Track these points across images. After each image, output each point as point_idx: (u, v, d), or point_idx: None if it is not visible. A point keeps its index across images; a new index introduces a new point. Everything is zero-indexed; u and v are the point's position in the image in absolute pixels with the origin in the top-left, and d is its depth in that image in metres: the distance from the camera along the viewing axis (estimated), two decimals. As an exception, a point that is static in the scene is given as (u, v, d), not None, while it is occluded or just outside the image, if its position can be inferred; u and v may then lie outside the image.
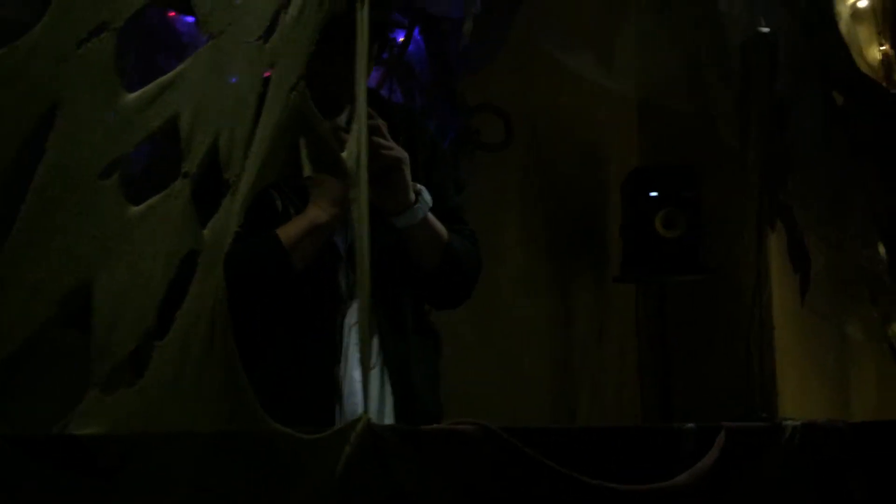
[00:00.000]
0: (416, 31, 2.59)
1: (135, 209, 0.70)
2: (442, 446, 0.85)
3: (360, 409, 1.35)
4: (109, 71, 0.71)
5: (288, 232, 1.35)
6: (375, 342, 1.41)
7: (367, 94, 1.30)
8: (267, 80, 0.84)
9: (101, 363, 0.64)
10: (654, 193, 2.91)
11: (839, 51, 2.56)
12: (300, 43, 0.86)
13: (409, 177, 1.39)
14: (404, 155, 1.39)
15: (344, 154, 0.86)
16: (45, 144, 0.67)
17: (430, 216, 1.43)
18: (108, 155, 0.69)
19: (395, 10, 2.17)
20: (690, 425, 1.18)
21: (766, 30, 2.33)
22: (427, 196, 1.43)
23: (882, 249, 2.39)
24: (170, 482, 0.65)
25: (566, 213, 3.08)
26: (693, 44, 2.72)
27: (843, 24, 2.78)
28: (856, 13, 2.96)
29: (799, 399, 2.96)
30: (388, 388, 1.41)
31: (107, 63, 0.71)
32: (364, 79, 0.92)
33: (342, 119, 1.40)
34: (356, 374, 1.33)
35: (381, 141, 1.36)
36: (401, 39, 2.63)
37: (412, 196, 1.40)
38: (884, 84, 2.94)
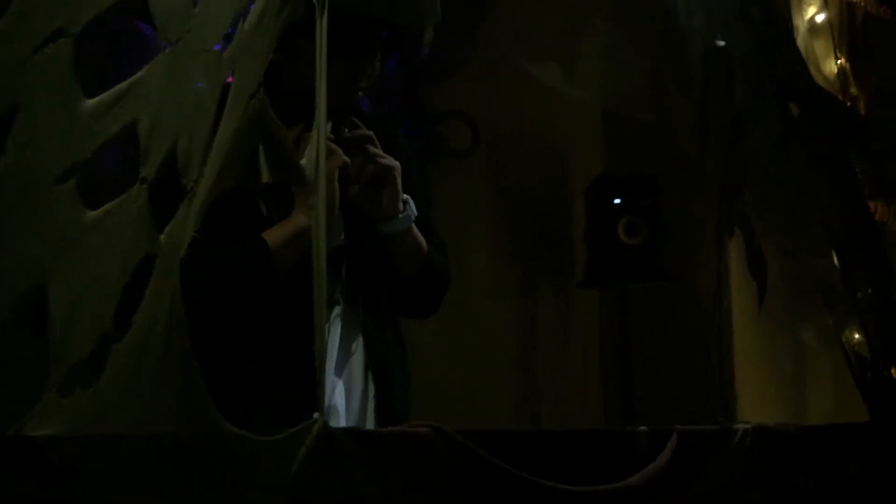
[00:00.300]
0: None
1: (91, 213, 0.71)
2: (397, 449, 0.86)
3: (341, 409, 1.43)
4: (67, 76, 0.71)
5: (274, 236, 1.36)
6: (360, 341, 1.46)
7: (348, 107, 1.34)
8: (227, 87, 0.85)
9: (58, 365, 0.65)
10: (617, 201, 2.96)
11: (796, 64, 2.62)
12: (259, 51, 0.87)
13: (399, 185, 1.42)
14: (396, 164, 1.42)
15: (302, 161, 0.88)
16: (1, 149, 0.68)
17: (414, 226, 1.47)
18: (66, 160, 0.70)
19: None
20: (643, 428, 1.20)
21: (722, 43, 2.39)
22: (413, 206, 1.46)
23: (836, 259, 2.45)
24: (125, 484, 0.66)
25: (531, 218, 3.12)
26: (655, 56, 2.77)
27: (801, 38, 2.85)
28: (813, 27, 3.03)
29: (757, 404, 3.02)
30: (370, 389, 1.45)
31: (64, 69, 0.71)
32: (323, 85, 0.94)
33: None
34: (336, 380, 1.39)
35: (374, 149, 1.40)
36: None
37: (401, 205, 1.43)
38: (840, 97, 3.03)
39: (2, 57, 0.68)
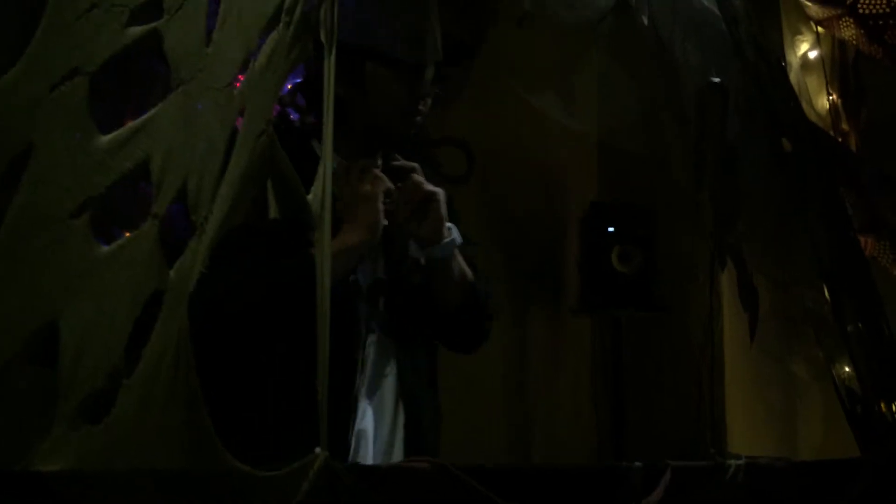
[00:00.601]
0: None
1: (103, 249, 0.72)
2: (397, 484, 0.87)
3: (370, 434, 1.42)
4: (82, 114, 0.73)
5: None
6: (393, 371, 1.48)
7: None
8: (236, 126, 0.87)
9: (67, 400, 0.66)
10: (611, 229, 2.99)
11: (789, 99, 2.66)
12: (268, 89, 0.89)
13: (444, 212, 1.47)
14: (440, 190, 1.48)
15: (309, 197, 0.89)
16: (17, 186, 0.69)
17: (458, 253, 1.51)
18: (80, 196, 0.71)
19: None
20: (637, 464, 1.22)
21: (717, 79, 2.43)
22: (457, 233, 1.50)
23: (826, 292, 2.48)
24: (129, 518, 0.66)
25: (525, 245, 3.14)
26: (650, 89, 2.81)
27: (793, 74, 2.90)
28: (805, 63, 3.09)
29: (748, 435, 3.03)
30: (400, 418, 1.47)
31: (79, 106, 0.73)
32: (331, 122, 0.96)
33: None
34: (367, 405, 1.42)
35: (417, 178, 1.47)
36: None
37: (445, 231, 1.48)
38: (831, 132, 3.07)
39: (19, 96, 0.70)
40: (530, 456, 2.99)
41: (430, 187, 1.47)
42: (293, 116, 1.63)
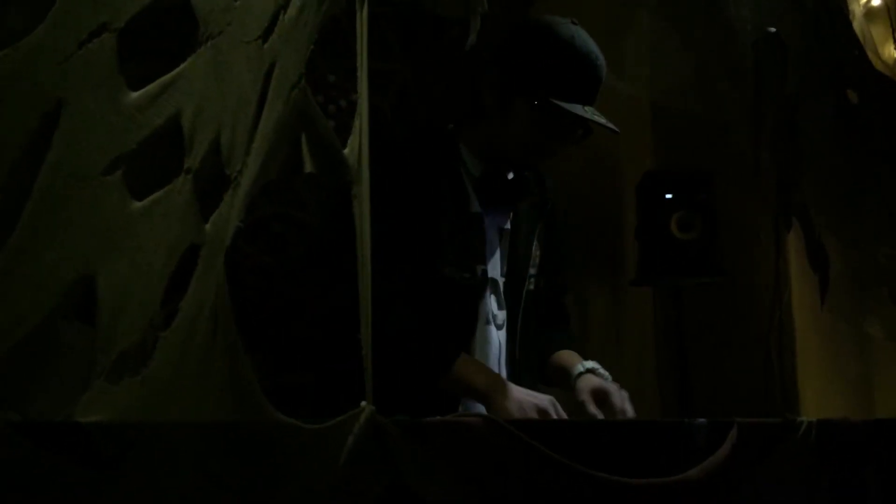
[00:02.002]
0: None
1: (138, 204, 0.71)
2: (446, 439, 0.85)
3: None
4: (111, 70, 0.72)
5: (466, 367, 1.49)
6: (498, 366, 1.61)
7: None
8: (268, 78, 0.85)
9: (106, 353, 0.65)
10: (668, 196, 2.91)
11: (853, 49, 2.54)
12: (300, 42, 0.87)
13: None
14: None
15: (346, 150, 0.87)
16: (50, 143, 0.69)
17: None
18: (112, 152, 0.71)
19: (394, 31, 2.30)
20: (702, 420, 1.17)
21: (773, 30, 2.33)
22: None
23: (900, 247, 2.37)
24: (172, 471, 0.66)
25: (581, 217, 3.08)
26: (704, 47, 2.72)
27: (857, 23, 2.76)
28: (869, 12, 2.94)
29: (822, 401, 2.93)
30: None
31: (108, 63, 0.72)
32: (365, 75, 0.93)
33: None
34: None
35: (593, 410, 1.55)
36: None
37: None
38: (899, 82, 2.92)
39: (47, 53, 0.69)
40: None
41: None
42: None
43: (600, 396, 1.52)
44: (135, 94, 0.73)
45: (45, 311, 0.64)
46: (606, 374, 1.59)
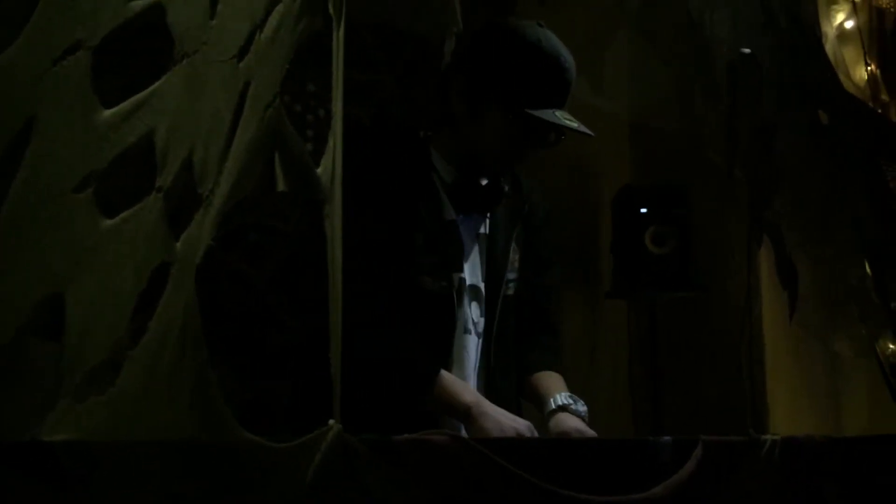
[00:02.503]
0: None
1: (108, 222, 0.72)
2: (414, 457, 0.86)
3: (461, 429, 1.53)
4: (85, 88, 0.73)
5: (452, 387, 1.49)
6: (475, 374, 1.61)
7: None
8: (243, 97, 0.86)
9: (73, 372, 0.66)
10: (643, 210, 2.94)
11: (825, 71, 2.59)
12: (275, 62, 0.88)
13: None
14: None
15: (319, 169, 0.88)
16: (20, 161, 0.69)
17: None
18: (83, 170, 0.71)
19: (375, 42, 2.31)
20: (667, 438, 1.19)
21: (747, 51, 2.37)
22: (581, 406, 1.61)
23: (868, 268, 2.41)
24: (139, 491, 0.66)
25: (558, 229, 3.11)
26: (681, 65, 2.75)
27: (829, 45, 2.81)
28: (842, 34, 3.00)
29: (790, 416, 2.96)
30: None
31: (82, 80, 0.72)
32: (339, 95, 0.94)
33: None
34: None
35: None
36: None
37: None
38: (870, 103, 2.98)
39: (21, 70, 0.70)
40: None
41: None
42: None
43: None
44: (108, 112, 0.74)
45: (13, 330, 0.64)
46: (581, 408, 1.57)
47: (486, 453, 0.91)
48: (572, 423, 1.53)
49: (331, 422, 0.79)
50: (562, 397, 1.58)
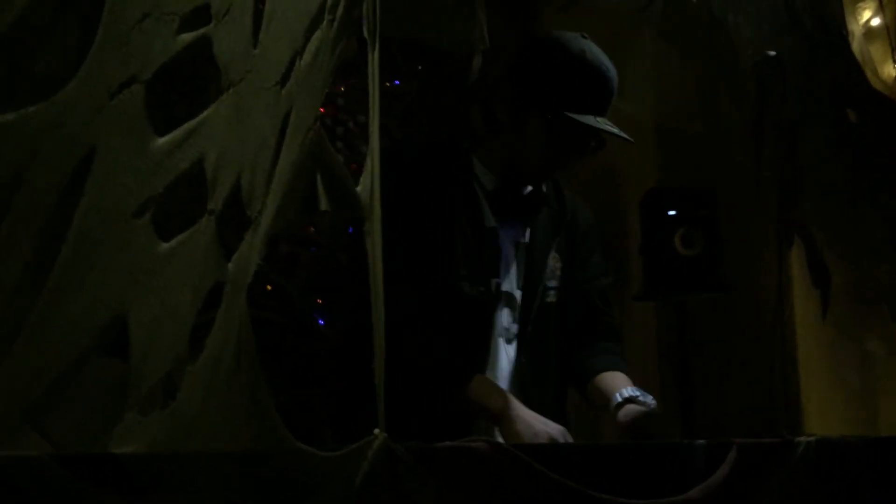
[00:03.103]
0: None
1: (165, 245, 0.76)
2: (456, 464, 0.89)
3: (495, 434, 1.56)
4: (140, 119, 0.77)
5: (486, 389, 1.52)
6: (507, 380, 1.63)
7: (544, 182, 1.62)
8: (286, 122, 0.90)
9: (137, 388, 0.70)
10: (672, 212, 2.95)
11: (851, 69, 2.58)
12: (314, 86, 0.92)
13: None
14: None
15: (358, 188, 0.92)
16: (83, 189, 0.73)
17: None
18: (141, 196, 0.75)
19: (401, 52, 2.34)
20: (701, 441, 1.21)
21: (773, 53, 2.37)
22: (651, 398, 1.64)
23: (899, 265, 2.40)
24: (199, 499, 0.70)
25: (598, 228, 3.12)
26: (706, 68, 2.76)
27: (856, 43, 2.80)
28: (869, 31, 2.98)
29: (825, 416, 2.95)
30: None
31: (137, 112, 0.77)
32: (377, 115, 0.98)
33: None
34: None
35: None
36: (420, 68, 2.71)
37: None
38: (898, 101, 2.96)
39: (80, 105, 0.74)
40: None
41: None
42: None
43: (641, 426, 1.54)
44: (161, 140, 0.78)
45: (80, 350, 0.68)
46: (649, 399, 1.59)
47: (525, 459, 0.94)
48: (640, 412, 1.55)
49: (376, 431, 0.82)
50: (628, 391, 1.60)
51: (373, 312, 0.88)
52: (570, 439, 1.45)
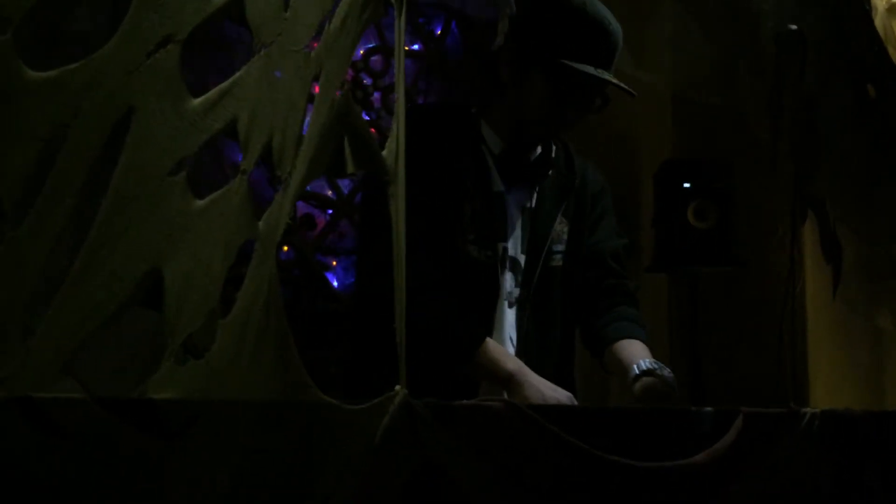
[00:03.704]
0: (453, 24, 2.67)
1: (198, 203, 0.78)
2: (471, 420, 0.92)
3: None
4: (176, 79, 0.79)
5: (495, 354, 1.53)
6: (511, 343, 1.64)
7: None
8: (315, 84, 0.92)
9: (173, 338, 0.73)
10: (686, 185, 2.95)
11: (873, 44, 2.56)
12: (343, 50, 0.94)
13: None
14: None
15: (384, 152, 0.94)
16: (120, 147, 0.76)
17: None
18: (176, 155, 0.78)
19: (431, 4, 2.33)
20: (708, 409, 1.24)
21: (794, 27, 2.36)
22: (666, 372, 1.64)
23: (913, 242, 2.40)
24: (229, 443, 0.74)
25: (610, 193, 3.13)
26: (725, 38, 2.74)
27: (879, 18, 2.77)
28: (892, 7, 2.94)
29: (832, 390, 2.98)
30: None
31: (173, 72, 0.79)
32: (402, 79, 1.00)
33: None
34: None
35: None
36: (438, 31, 2.71)
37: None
38: (920, 77, 2.93)
39: (118, 64, 0.76)
40: (606, 411, 3.01)
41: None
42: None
43: (655, 399, 1.55)
44: (196, 101, 0.80)
45: (120, 300, 0.71)
46: (666, 371, 1.60)
47: (538, 419, 0.97)
48: (659, 387, 1.55)
49: (397, 387, 0.86)
50: (646, 363, 1.60)
51: (395, 274, 0.90)
52: (576, 404, 1.48)
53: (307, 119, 0.89)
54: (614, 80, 1.59)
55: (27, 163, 0.69)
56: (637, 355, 1.63)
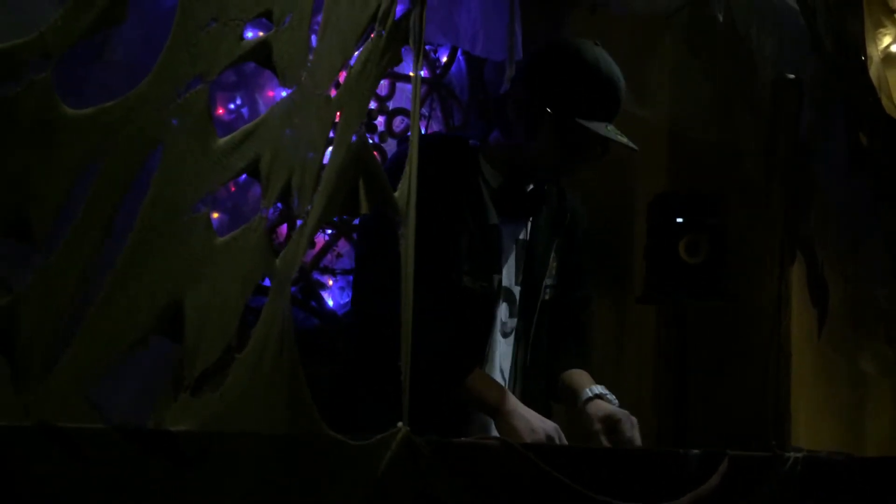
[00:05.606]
0: (458, 53, 2.72)
1: (220, 239, 0.81)
2: (469, 457, 0.96)
3: (489, 428, 1.60)
4: (204, 117, 0.82)
5: (484, 384, 1.57)
6: (502, 374, 1.68)
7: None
8: (334, 127, 0.95)
9: (191, 370, 0.76)
10: (679, 219, 2.99)
11: (868, 93, 2.63)
12: (362, 94, 0.97)
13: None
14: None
15: (396, 193, 0.98)
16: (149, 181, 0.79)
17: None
18: (201, 191, 0.81)
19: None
20: (695, 451, 1.27)
21: (792, 76, 2.41)
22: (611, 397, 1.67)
23: (898, 290, 2.45)
24: (241, 473, 0.76)
25: (593, 231, 3.17)
26: (723, 80, 2.80)
27: (874, 68, 2.84)
28: (887, 57, 3.01)
29: (813, 430, 3.01)
30: None
31: (202, 111, 0.82)
32: (417, 124, 1.04)
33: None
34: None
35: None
36: (444, 59, 2.76)
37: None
38: (911, 127, 3.00)
39: (151, 102, 0.79)
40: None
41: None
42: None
43: (611, 423, 1.58)
44: (222, 140, 0.84)
45: (142, 329, 0.74)
46: (614, 398, 1.65)
47: (532, 458, 1.00)
48: (611, 409, 1.60)
49: (399, 424, 0.89)
50: (595, 388, 1.66)
51: (402, 312, 0.94)
52: (562, 436, 1.51)
53: (325, 160, 0.92)
54: (622, 139, 1.65)
55: (60, 196, 0.72)
56: (585, 382, 1.70)
